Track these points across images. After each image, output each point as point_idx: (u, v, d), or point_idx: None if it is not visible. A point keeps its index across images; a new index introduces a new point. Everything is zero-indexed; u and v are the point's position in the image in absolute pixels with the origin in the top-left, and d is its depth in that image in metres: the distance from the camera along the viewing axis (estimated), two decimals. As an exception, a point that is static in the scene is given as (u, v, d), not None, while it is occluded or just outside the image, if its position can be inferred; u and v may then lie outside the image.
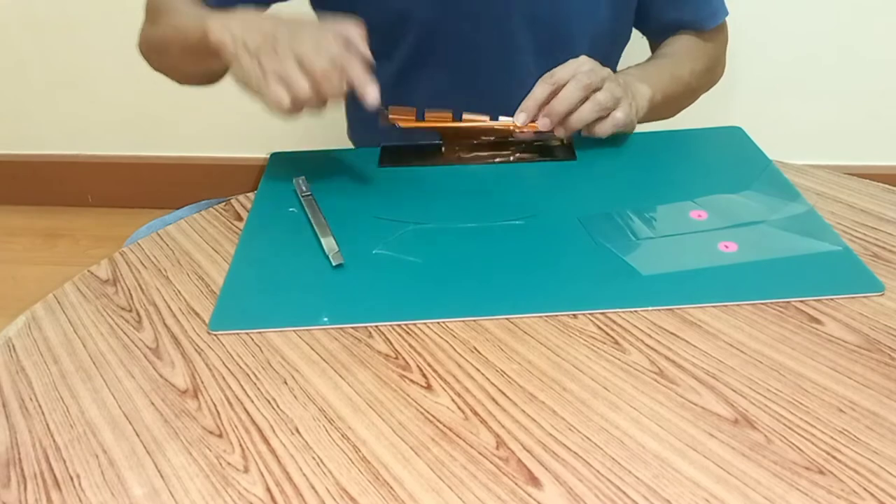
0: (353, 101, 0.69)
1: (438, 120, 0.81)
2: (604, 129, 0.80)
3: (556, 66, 0.79)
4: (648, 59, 0.98)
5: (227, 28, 0.71)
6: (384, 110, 0.79)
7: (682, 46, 0.98)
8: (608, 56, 0.96)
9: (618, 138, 0.84)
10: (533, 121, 0.78)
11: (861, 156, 1.80)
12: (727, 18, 0.99)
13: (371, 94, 0.68)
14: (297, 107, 0.68)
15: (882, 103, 1.73)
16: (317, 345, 0.58)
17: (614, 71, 1.00)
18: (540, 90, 0.78)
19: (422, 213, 0.72)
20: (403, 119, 0.80)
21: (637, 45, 1.01)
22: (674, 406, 0.51)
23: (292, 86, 0.66)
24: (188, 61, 0.83)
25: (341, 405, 0.53)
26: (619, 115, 0.80)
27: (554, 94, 0.78)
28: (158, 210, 0.94)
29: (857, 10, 1.65)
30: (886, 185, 0.75)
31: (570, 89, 0.77)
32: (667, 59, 0.97)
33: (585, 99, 0.78)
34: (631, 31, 0.99)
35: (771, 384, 0.52)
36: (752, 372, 0.53)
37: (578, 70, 0.78)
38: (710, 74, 1.01)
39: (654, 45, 1.02)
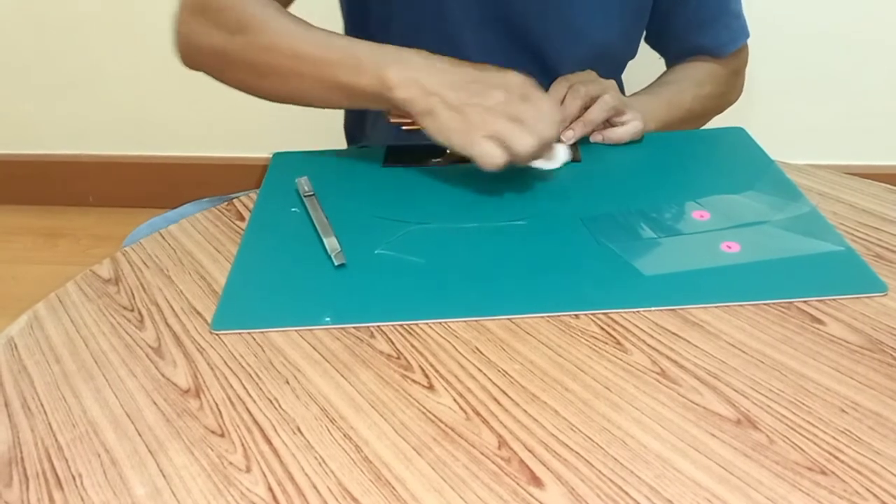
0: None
1: None
2: (619, 136, 0.83)
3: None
4: (650, 85, 0.98)
5: (414, 81, 0.70)
6: (387, 113, 0.78)
7: (690, 72, 0.98)
8: (613, 72, 0.97)
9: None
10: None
11: (864, 156, 1.80)
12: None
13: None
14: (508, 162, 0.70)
15: (884, 103, 1.73)
16: (319, 345, 0.58)
17: (620, 85, 1.01)
18: (573, 107, 0.81)
19: (424, 213, 0.72)
20: (407, 122, 0.80)
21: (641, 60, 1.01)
22: (676, 406, 0.51)
23: (513, 146, 0.68)
24: (314, 94, 0.76)
25: (343, 405, 0.53)
26: (634, 122, 0.83)
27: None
28: (159, 210, 0.94)
29: (860, 11, 1.65)
30: (889, 186, 0.75)
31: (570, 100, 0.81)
32: (668, 85, 0.97)
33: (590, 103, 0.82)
34: (637, 49, 0.99)
35: (773, 384, 0.52)
36: (754, 372, 0.53)
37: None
38: (721, 99, 1.00)
39: (669, 66, 1.02)
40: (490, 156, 0.69)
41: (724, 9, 0.96)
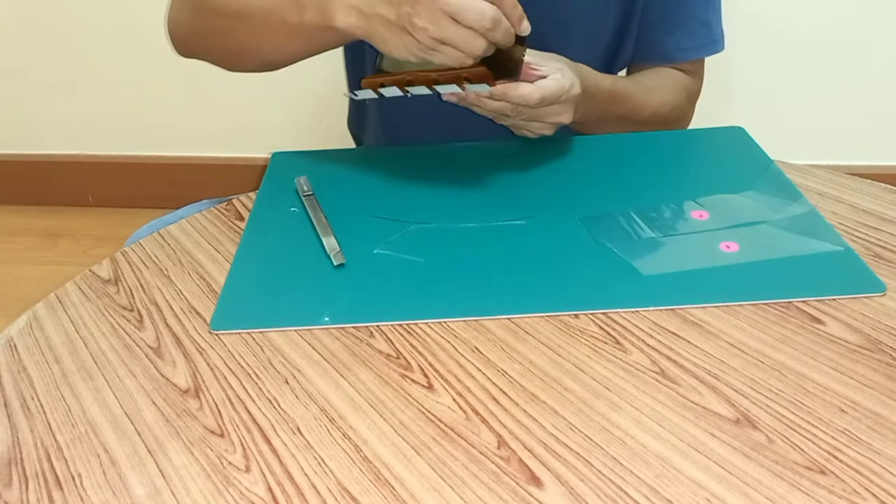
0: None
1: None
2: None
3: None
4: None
5: (353, 7, 0.69)
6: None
7: (648, 73, 0.94)
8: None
9: (620, 138, 0.84)
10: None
11: (863, 156, 1.80)
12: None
13: (526, 26, 0.69)
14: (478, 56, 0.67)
15: (884, 103, 1.73)
16: (318, 344, 0.58)
17: None
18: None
19: (423, 212, 0.72)
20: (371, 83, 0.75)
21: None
22: (675, 406, 0.51)
23: (466, 46, 0.65)
24: (274, 44, 0.79)
25: (342, 405, 0.53)
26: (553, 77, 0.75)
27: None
28: (159, 210, 0.94)
29: (859, 11, 1.65)
30: (888, 185, 0.75)
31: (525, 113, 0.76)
32: (639, 82, 0.93)
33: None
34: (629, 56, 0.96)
35: (772, 384, 0.52)
36: (753, 372, 0.53)
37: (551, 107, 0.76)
38: (671, 112, 0.94)
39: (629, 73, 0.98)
40: (455, 61, 0.67)
41: (692, 14, 0.93)
